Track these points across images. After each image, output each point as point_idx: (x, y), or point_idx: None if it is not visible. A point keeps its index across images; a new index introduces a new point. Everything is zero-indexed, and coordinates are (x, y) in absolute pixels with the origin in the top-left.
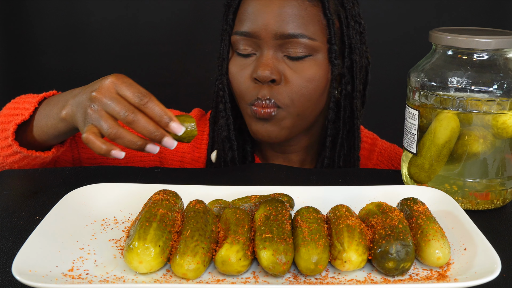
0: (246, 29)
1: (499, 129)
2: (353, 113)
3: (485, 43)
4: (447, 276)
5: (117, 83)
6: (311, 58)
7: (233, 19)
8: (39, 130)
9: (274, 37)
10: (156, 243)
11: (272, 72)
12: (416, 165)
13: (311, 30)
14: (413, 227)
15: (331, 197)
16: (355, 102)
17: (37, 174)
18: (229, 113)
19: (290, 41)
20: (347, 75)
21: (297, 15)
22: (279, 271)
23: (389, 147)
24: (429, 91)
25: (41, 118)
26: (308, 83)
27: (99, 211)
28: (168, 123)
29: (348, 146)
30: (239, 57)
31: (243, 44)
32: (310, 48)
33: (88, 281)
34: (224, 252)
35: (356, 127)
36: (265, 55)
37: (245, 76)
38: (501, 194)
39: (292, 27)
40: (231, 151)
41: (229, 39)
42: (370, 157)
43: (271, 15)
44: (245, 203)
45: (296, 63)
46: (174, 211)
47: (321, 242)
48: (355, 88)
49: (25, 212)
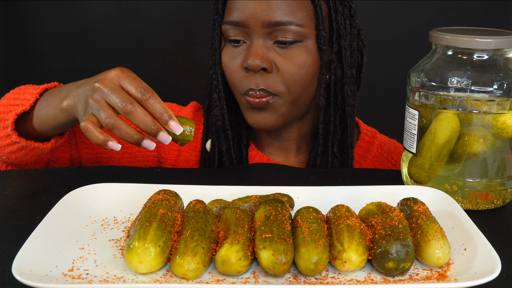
0: (235, 18)
1: (499, 129)
2: (344, 99)
3: (485, 43)
4: (447, 276)
5: (121, 76)
6: (301, 45)
7: (223, 8)
8: (39, 120)
9: (262, 25)
10: (156, 243)
11: (262, 61)
12: (416, 165)
13: (299, 17)
14: (413, 227)
15: (331, 197)
16: (345, 88)
17: (37, 174)
18: (223, 103)
19: (279, 28)
20: (336, 61)
21: (284, 3)
22: (279, 271)
23: (389, 141)
24: (429, 91)
25: (41, 109)
26: (299, 69)
27: (99, 211)
28: (168, 121)
29: (341, 131)
30: (231, 46)
31: (233, 33)
32: (299, 35)
33: (88, 281)
34: (224, 252)
35: (348, 113)
36: (254, 44)
37: (236, 65)
38: (501, 194)
39: (279, 15)
40: (226, 141)
41: (220, 29)
42: (370, 149)
43: (258, 4)
44: (245, 203)
45: (286, 50)
46: (174, 211)
47: (321, 242)
48: (345, 73)
49: (25, 212)
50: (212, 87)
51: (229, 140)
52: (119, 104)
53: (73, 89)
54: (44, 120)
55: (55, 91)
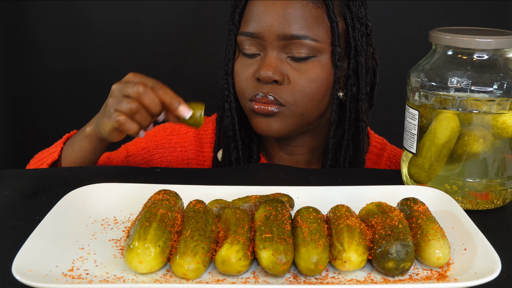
0: (251, 29)
1: (499, 129)
2: (358, 115)
3: (485, 43)
4: (447, 276)
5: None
6: (315, 59)
7: (239, 19)
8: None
9: (277, 38)
10: (156, 243)
11: (275, 73)
12: (416, 165)
13: (315, 32)
14: (413, 227)
15: (331, 197)
16: (360, 104)
17: (37, 174)
18: (234, 113)
19: (294, 42)
20: (353, 77)
21: (301, 17)
22: (279, 271)
23: (399, 153)
24: (429, 91)
25: (67, 150)
26: (311, 83)
27: (99, 211)
28: (177, 106)
29: (354, 148)
30: (244, 57)
31: (248, 45)
32: (314, 49)
33: (88, 281)
34: (224, 252)
35: (361, 129)
36: (269, 56)
37: (247, 74)
38: (501, 194)
39: (295, 28)
40: (236, 150)
41: (235, 40)
42: (379, 162)
43: (274, 16)
44: (245, 203)
45: (299, 64)
46: (174, 211)
47: (321, 242)
48: (360, 90)
49: (25, 212)
50: (224, 97)
51: (238, 150)
52: (133, 89)
53: (93, 118)
54: (71, 157)
55: (75, 134)
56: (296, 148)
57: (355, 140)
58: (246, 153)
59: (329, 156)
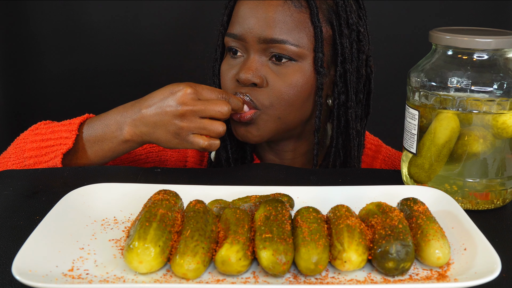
0: (235, 31)
1: (499, 129)
2: (348, 123)
3: (485, 43)
4: (447, 276)
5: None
6: (295, 64)
7: (227, 20)
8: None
9: (258, 41)
10: (156, 243)
11: (254, 76)
12: (416, 165)
13: (296, 37)
14: (413, 227)
15: (331, 197)
16: (349, 112)
17: (37, 174)
18: None
19: (274, 46)
20: (340, 85)
21: (281, 21)
22: (279, 271)
23: (394, 154)
24: (429, 91)
25: (91, 145)
26: (289, 88)
27: (99, 211)
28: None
29: (344, 155)
30: (231, 58)
31: (233, 46)
32: (295, 54)
33: (88, 281)
34: (224, 252)
35: (352, 136)
36: (250, 58)
37: (230, 76)
38: (501, 194)
39: (275, 32)
40: (225, 151)
41: (223, 40)
42: (373, 164)
43: (256, 19)
44: (245, 203)
45: (279, 68)
46: (174, 211)
47: (321, 242)
48: (350, 97)
49: (25, 212)
50: None
51: (227, 151)
52: (219, 111)
53: (127, 118)
54: (99, 154)
55: (98, 124)
56: (285, 152)
57: (346, 148)
58: (239, 154)
59: (314, 161)
